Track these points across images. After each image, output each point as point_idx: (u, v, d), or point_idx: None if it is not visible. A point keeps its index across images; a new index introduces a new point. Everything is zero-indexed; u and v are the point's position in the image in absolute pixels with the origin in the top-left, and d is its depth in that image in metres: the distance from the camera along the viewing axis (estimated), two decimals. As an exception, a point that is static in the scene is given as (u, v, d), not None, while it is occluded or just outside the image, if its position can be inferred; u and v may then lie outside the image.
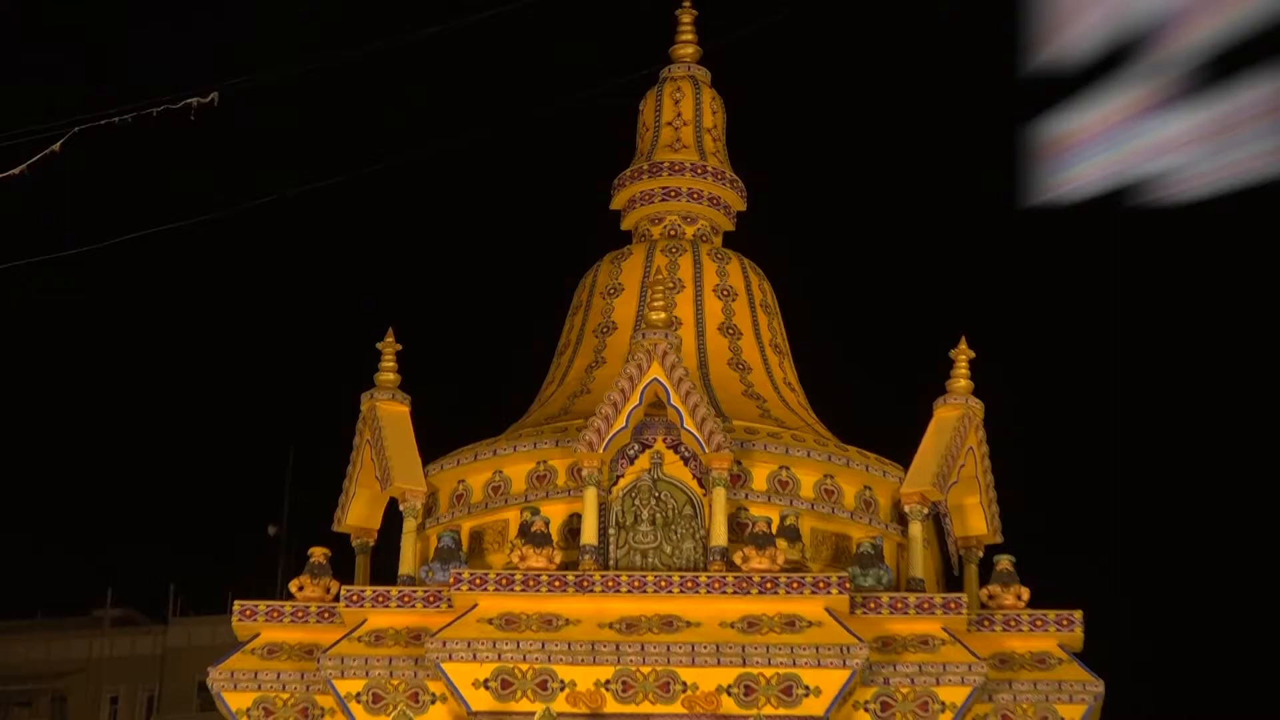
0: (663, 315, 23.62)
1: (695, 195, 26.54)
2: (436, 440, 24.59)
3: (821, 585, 22.35)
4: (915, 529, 23.59)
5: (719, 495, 22.89)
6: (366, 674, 22.65)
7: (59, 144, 20.95)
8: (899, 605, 22.67)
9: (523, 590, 22.48)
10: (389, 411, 24.37)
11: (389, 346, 24.78)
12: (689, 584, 22.48)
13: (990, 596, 23.44)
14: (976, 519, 24.62)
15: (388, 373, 24.64)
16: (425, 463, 24.24)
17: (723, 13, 27.25)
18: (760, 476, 23.49)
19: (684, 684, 22.09)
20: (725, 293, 25.72)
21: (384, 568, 24.27)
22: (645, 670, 22.17)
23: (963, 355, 24.48)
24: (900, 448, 24.21)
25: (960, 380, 24.37)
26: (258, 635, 23.64)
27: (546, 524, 23.02)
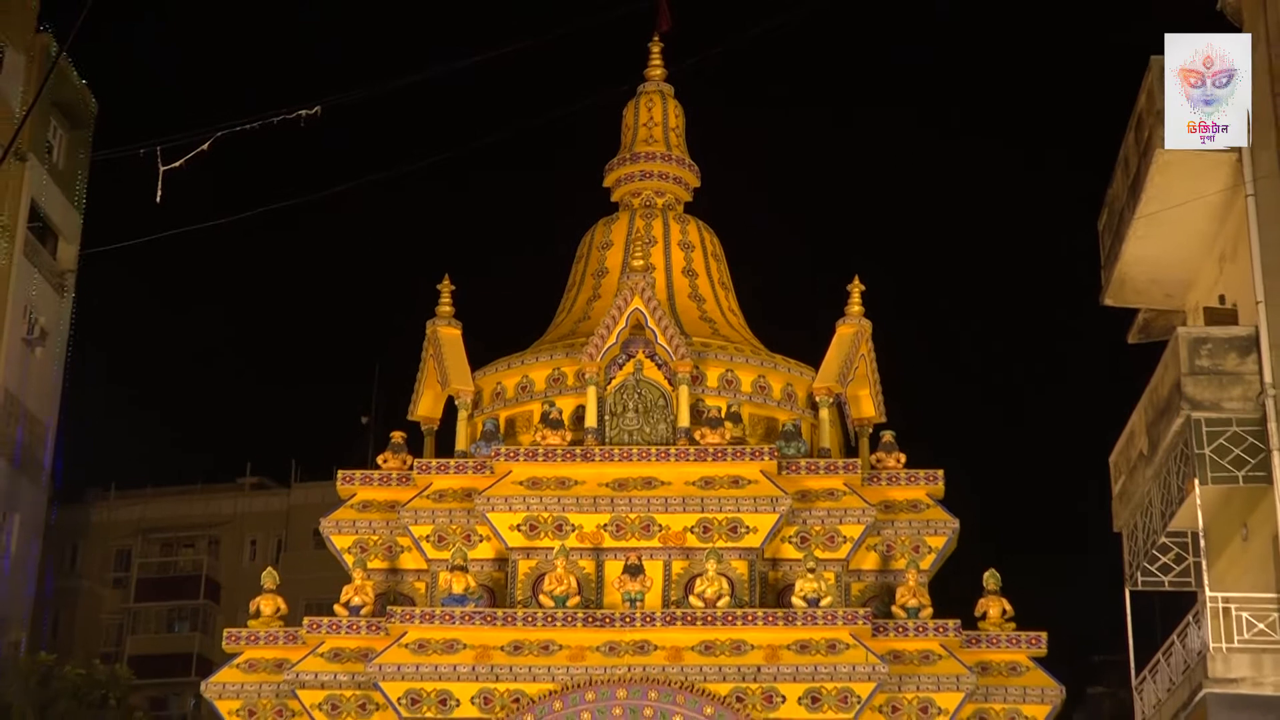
0: (641, 263, 23.90)
1: (663, 176, 26.73)
2: (480, 352, 24.66)
3: (757, 454, 22.67)
4: (824, 413, 23.91)
5: (683, 391, 23.20)
6: (433, 522, 22.94)
7: (208, 144, 20.85)
8: (813, 468, 23.09)
9: (544, 460, 22.76)
10: (446, 334, 24.65)
11: (446, 287, 24.88)
12: (662, 454, 22.80)
13: (878, 460, 23.82)
14: (867, 405, 24.99)
15: (445, 305, 24.78)
16: (473, 370, 24.23)
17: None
18: (712, 377, 23.76)
19: (660, 526, 22.43)
20: (686, 246, 25.88)
21: (444, 445, 24.42)
22: (632, 516, 22.44)
23: (856, 288, 24.69)
24: (812, 355, 24.32)
25: (855, 306, 24.71)
26: (355, 495, 23.90)
27: (560, 413, 23.34)
